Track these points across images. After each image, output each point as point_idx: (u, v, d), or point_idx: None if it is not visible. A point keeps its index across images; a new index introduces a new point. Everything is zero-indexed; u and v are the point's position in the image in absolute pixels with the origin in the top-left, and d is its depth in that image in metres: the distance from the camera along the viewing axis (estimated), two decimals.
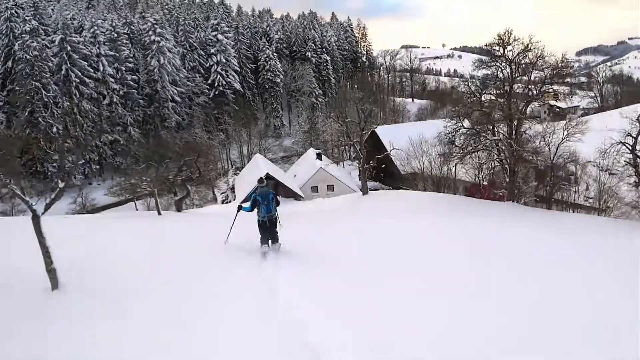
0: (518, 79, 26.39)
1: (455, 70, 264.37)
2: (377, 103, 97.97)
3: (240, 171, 59.41)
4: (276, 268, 10.39)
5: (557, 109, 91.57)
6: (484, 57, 27.80)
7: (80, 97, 68.50)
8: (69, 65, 67.94)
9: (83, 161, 67.97)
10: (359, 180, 63.84)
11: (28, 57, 63.57)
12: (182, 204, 31.79)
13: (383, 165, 57.43)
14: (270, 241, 11.89)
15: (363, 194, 29.99)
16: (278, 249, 11.84)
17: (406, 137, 46.90)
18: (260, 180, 12.44)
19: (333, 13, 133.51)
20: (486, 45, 26.89)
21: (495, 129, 26.74)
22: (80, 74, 68.57)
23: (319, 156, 55.95)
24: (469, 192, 40.33)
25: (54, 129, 64.49)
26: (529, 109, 27.80)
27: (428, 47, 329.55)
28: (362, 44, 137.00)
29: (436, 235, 14.44)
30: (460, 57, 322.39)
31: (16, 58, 64.94)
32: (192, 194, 48.49)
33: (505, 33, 26.03)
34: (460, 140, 27.73)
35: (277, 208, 12.08)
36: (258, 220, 11.85)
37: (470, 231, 15.54)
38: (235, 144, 78.72)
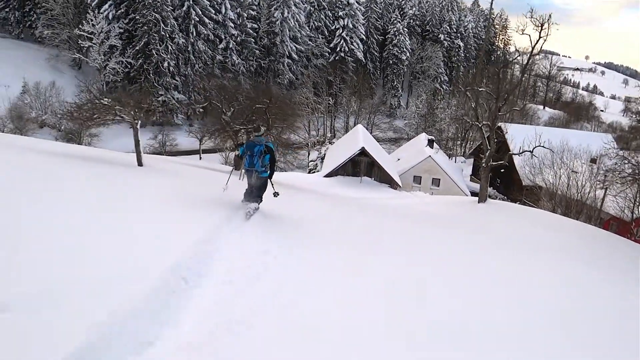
0: None
1: (595, 86, 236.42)
2: (507, 101, 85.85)
3: (336, 139, 51.08)
4: None
5: None
6: None
7: (196, 36, 63.91)
8: (191, 2, 63.33)
9: (188, 101, 63.73)
10: (470, 180, 53.61)
11: None
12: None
13: (502, 170, 47.51)
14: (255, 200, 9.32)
15: (479, 201, 20.55)
16: (253, 209, 9.03)
17: (540, 142, 36.54)
18: (256, 128, 9.92)
19: None
20: None
21: None
22: (200, 13, 63.83)
23: (430, 143, 46.39)
24: (604, 226, 30.84)
25: (165, 64, 60.51)
26: None
27: (569, 57, 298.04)
28: (501, 37, 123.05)
29: None
30: (603, 73, 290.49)
31: None
32: (278, 155, 41.67)
33: None
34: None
35: (268, 168, 9.45)
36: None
37: None
38: (343, 113, 70.73)
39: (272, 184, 9.54)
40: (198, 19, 63.56)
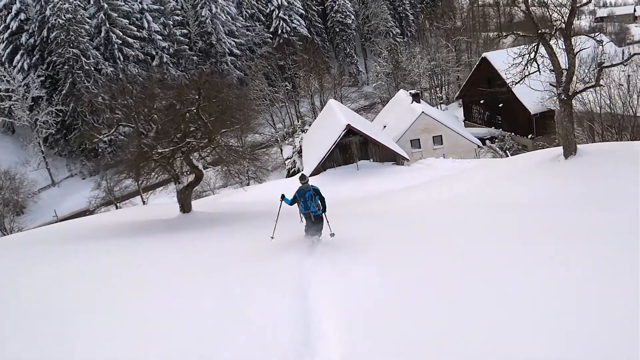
0: None
1: None
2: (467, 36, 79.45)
3: (309, 126, 42.45)
4: None
5: None
6: None
7: (125, 60, 55.33)
8: (108, 25, 54.63)
9: (137, 131, 55.28)
10: (465, 126, 45.97)
11: (61, 21, 50.77)
12: (189, 197, 17.07)
13: (501, 105, 40.25)
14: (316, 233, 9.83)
15: (567, 155, 12.51)
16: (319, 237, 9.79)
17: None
18: (301, 177, 9.91)
19: None
20: None
21: None
22: (122, 34, 55.14)
23: (415, 98, 38.35)
24: None
25: (99, 99, 51.97)
26: None
27: None
28: None
29: None
30: None
31: (50, 25, 52.15)
32: (247, 166, 33.97)
33: None
34: None
35: (322, 206, 9.73)
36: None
37: None
38: (305, 95, 62.46)
39: (328, 222, 9.74)
40: (121, 42, 54.91)
